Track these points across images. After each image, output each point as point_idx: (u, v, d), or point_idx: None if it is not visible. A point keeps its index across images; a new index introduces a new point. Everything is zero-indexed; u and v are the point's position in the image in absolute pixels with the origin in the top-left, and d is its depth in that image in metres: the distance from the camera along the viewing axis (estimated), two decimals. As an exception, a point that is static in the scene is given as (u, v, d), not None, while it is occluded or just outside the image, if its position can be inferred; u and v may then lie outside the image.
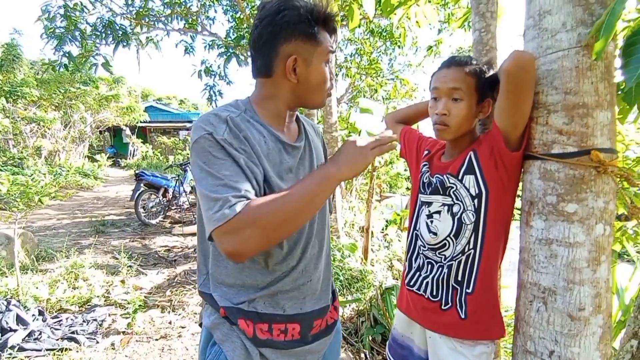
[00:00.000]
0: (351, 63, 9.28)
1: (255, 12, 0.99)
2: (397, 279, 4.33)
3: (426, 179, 1.26)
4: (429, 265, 1.22)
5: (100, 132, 20.03)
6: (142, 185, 6.44)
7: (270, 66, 0.95)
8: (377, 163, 5.95)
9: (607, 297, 0.98)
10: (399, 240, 5.55)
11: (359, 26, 7.28)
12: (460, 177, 1.15)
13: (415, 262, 1.28)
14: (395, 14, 3.05)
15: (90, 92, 14.48)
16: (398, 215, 5.85)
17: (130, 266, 4.12)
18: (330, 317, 1.12)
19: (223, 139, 0.86)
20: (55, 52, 5.50)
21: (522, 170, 1.09)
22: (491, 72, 1.14)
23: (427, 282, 1.21)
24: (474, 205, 1.12)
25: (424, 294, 1.21)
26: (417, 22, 3.06)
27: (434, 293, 1.19)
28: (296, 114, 1.11)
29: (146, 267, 4.39)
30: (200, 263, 1.06)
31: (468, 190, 1.13)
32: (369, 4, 3.02)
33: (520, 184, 1.12)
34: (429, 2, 2.98)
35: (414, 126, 1.57)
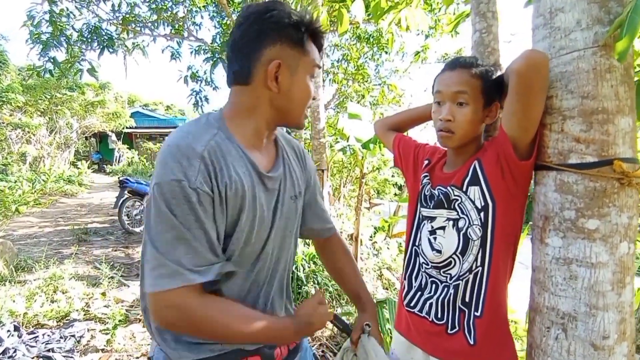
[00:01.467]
0: (338, 69, 9.24)
1: None
2: (388, 289, 4.23)
3: (427, 191, 1.16)
4: (433, 285, 1.12)
5: (86, 138, 19.78)
6: (126, 192, 6.25)
7: (250, 71, 0.84)
8: (365, 169, 5.88)
9: (632, 322, 0.89)
10: (388, 248, 5.45)
11: (347, 32, 7.25)
12: (464, 189, 1.06)
13: (415, 281, 1.17)
14: (384, 18, 2.99)
15: (77, 98, 14.26)
16: (386, 222, 5.75)
17: (112, 277, 3.94)
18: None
19: (194, 188, 0.73)
20: (40, 58, 5.38)
21: (534, 181, 1.00)
22: (498, 74, 1.05)
23: (431, 304, 1.10)
24: (480, 219, 1.03)
25: (427, 316, 1.11)
26: (407, 26, 2.99)
27: (439, 316, 1.08)
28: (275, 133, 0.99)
29: (129, 278, 4.21)
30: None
31: (473, 202, 1.04)
32: (359, 8, 2.95)
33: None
34: (424, 1, 2.91)
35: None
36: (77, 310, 3.22)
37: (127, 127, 18.08)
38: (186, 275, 0.72)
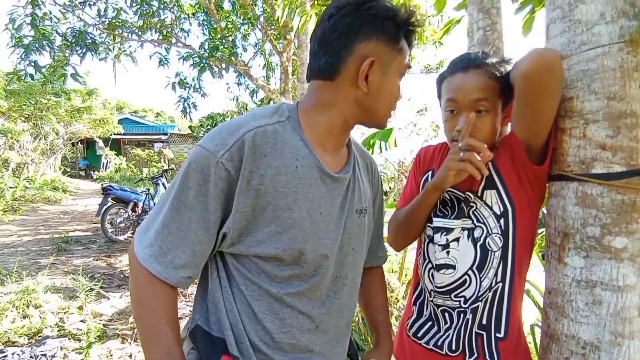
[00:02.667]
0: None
1: (230, 24, 0.78)
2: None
3: (440, 198, 1.00)
4: (446, 314, 0.97)
5: (73, 144, 19.47)
6: (109, 199, 6.05)
7: (337, 67, 0.75)
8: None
9: (658, 350, 0.79)
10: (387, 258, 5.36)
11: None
12: (479, 194, 0.94)
13: (426, 309, 1.02)
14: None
15: (63, 104, 13.95)
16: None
17: (90, 289, 3.75)
18: None
19: (216, 161, 0.69)
20: (20, 62, 5.20)
21: (550, 192, 0.90)
22: (508, 69, 0.92)
23: (449, 335, 0.96)
24: (500, 226, 0.91)
25: (436, 349, 0.97)
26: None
27: (453, 347, 0.94)
28: (349, 138, 0.89)
29: (109, 289, 4.01)
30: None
31: (491, 208, 0.92)
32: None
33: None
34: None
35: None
36: (50, 326, 3.02)
37: (115, 134, 17.89)
38: (170, 273, 0.72)
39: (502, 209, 0.91)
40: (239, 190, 0.70)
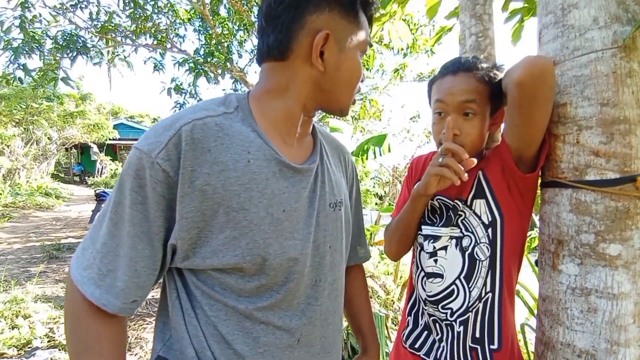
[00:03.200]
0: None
1: (226, 30, 0.74)
2: (372, 297, 4.09)
3: (429, 205, 1.00)
4: (436, 325, 0.97)
5: (67, 149, 19.28)
6: (102, 206, 5.97)
7: (288, 43, 0.67)
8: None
9: (653, 357, 0.78)
10: (370, 256, 5.34)
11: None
12: (469, 203, 0.93)
13: (421, 319, 1.01)
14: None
15: (55, 108, 13.81)
16: (368, 230, 5.68)
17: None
18: None
19: (151, 162, 0.60)
20: (9, 65, 5.12)
21: (543, 199, 0.89)
22: (501, 75, 0.91)
23: (444, 348, 0.94)
24: (488, 236, 0.90)
25: None
26: (390, 41, 2.95)
27: None
28: (313, 125, 0.82)
29: (102, 299, 3.95)
30: None
31: (479, 217, 0.91)
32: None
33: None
34: (403, 21, 2.87)
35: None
36: (40, 337, 2.96)
37: (110, 139, 17.73)
38: (111, 300, 0.61)
39: (490, 219, 0.90)
40: (181, 192, 0.61)
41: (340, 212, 0.80)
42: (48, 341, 2.96)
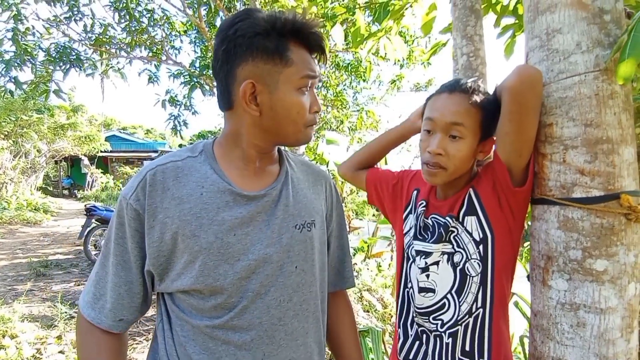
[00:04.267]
0: (317, 95, 9.39)
1: None
2: (369, 311, 4.08)
3: (422, 222, 1.02)
4: (424, 335, 0.98)
5: (56, 162, 19.01)
6: (93, 220, 5.87)
7: (229, 95, 0.75)
8: (344, 193, 5.79)
9: (639, 368, 0.80)
10: (368, 269, 5.32)
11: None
12: (461, 219, 0.94)
13: (411, 329, 1.02)
14: (364, 46, 2.98)
15: (45, 121, 13.68)
16: (365, 242, 5.66)
17: (70, 317, 3.60)
18: None
19: (127, 203, 0.74)
20: (0, 78, 5.07)
21: (533, 216, 0.91)
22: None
23: (429, 356, 0.96)
24: (479, 252, 0.91)
25: None
26: (385, 54, 3.00)
27: None
28: (285, 155, 0.89)
29: (91, 316, 3.86)
30: None
31: (471, 234, 0.92)
32: (338, 32, 2.95)
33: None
34: (399, 34, 2.93)
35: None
36: (27, 357, 2.88)
37: (102, 151, 17.56)
38: (102, 318, 0.75)
39: (481, 236, 0.91)
40: (148, 225, 0.73)
41: (309, 232, 0.83)
42: (35, 361, 2.88)
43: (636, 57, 0.70)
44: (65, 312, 3.62)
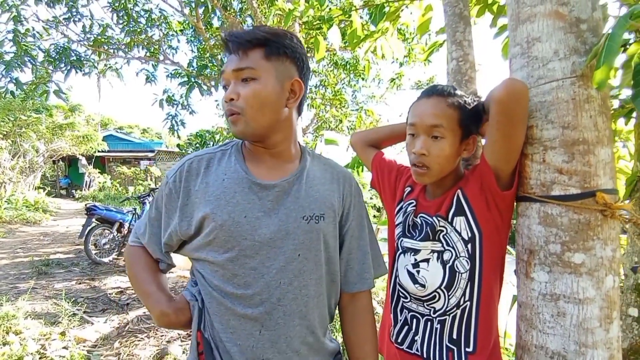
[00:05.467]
0: (316, 94, 9.35)
1: (219, 42, 0.88)
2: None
3: (411, 221, 1.08)
4: (414, 320, 1.05)
5: (54, 161, 18.98)
6: (93, 220, 5.90)
7: None
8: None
9: (619, 357, 0.86)
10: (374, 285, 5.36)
11: (324, 58, 7.38)
12: (450, 219, 1.00)
13: (401, 315, 1.09)
14: (361, 46, 3.02)
15: (44, 121, 13.67)
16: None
17: (73, 314, 3.65)
18: None
19: (167, 183, 0.93)
20: (1, 79, 5.10)
21: (517, 212, 0.97)
22: (477, 104, 1.00)
23: (419, 340, 1.03)
24: (468, 250, 0.97)
25: (417, 352, 1.03)
26: (382, 55, 3.04)
27: (426, 355, 1.01)
28: (307, 153, 1.01)
29: (93, 314, 3.92)
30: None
31: (459, 234, 0.99)
32: (335, 34, 2.98)
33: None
34: (397, 31, 2.98)
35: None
36: (31, 353, 2.93)
37: (99, 151, 17.54)
38: (139, 239, 0.99)
39: (469, 235, 0.97)
40: (182, 203, 0.90)
41: (316, 225, 0.89)
42: (40, 358, 2.93)
43: (609, 63, 0.75)
44: (69, 309, 3.68)
